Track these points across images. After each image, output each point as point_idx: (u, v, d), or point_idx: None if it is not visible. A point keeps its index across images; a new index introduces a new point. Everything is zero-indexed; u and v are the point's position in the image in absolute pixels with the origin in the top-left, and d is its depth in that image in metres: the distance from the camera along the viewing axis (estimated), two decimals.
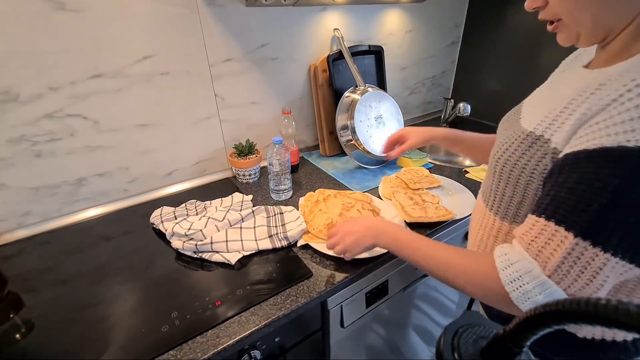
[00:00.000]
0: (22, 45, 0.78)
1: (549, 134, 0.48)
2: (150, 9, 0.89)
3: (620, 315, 0.17)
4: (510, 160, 0.53)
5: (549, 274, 0.43)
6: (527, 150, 0.50)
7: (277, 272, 0.75)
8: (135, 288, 0.73)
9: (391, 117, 1.24)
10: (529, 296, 0.44)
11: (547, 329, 0.20)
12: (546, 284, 0.43)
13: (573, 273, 0.42)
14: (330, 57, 1.21)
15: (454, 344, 0.24)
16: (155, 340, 0.61)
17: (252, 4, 1.00)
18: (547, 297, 0.43)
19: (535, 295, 0.44)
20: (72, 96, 0.86)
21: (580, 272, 0.42)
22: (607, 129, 0.39)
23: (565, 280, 0.43)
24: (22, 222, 0.91)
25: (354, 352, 0.96)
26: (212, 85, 1.06)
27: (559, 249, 0.42)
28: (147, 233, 0.89)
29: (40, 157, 0.88)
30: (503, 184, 0.55)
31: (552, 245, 0.43)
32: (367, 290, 0.86)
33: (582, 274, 0.42)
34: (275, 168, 0.97)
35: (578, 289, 0.43)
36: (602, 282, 0.41)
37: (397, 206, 0.94)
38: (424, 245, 0.61)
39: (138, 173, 1.04)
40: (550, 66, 0.65)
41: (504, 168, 0.54)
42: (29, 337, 0.63)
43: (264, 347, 0.70)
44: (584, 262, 0.41)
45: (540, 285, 0.43)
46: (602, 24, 0.44)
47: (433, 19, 1.53)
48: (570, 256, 0.42)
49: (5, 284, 0.75)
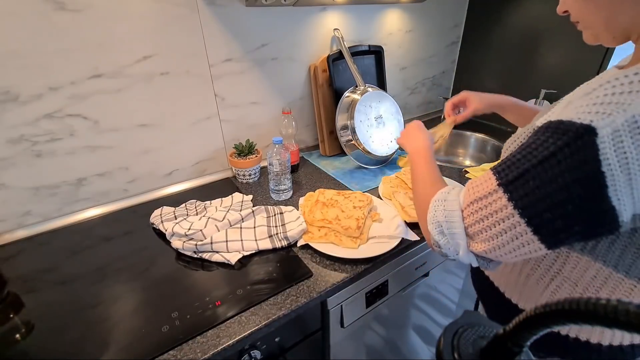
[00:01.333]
0: (22, 45, 0.78)
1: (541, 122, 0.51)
2: (150, 9, 0.89)
3: (620, 315, 0.17)
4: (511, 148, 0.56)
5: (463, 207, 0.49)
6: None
7: (277, 272, 0.75)
8: (136, 288, 0.73)
9: (391, 117, 1.24)
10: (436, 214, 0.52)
11: (547, 329, 0.20)
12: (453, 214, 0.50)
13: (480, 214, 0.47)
14: (330, 57, 1.21)
15: (454, 344, 0.24)
16: (155, 341, 0.61)
17: (252, 4, 1.00)
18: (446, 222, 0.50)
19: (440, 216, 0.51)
20: (72, 96, 0.86)
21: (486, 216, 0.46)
22: (575, 109, 0.41)
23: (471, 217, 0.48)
24: (22, 222, 0.91)
25: (353, 352, 0.96)
26: (212, 85, 1.06)
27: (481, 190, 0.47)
28: (147, 233, 0.89)
29: (40, 157, 0.88)
30: None
31: (479, 186, 0.48)
32: (367, 290, 0.86)
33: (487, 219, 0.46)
34: (275, 168, 0.97)
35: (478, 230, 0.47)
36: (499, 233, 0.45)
37: (397, 206, 0.94)
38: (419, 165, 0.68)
39: (138, 173, 1.04)
40: (550, 66, 0.65)
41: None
42: (29, 337, 0.63)
43: (264, 347, 0.70)
44: (492, 208, 0.45)
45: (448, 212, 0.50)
46: (616, 25, 0.45)
47: (433, 19, 1.53)
48: (485, 199, 0.46)
49: (5, 285, 0.74)
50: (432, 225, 0.52)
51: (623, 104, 0.37)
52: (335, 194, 0.97)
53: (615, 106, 0.38)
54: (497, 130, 1.55)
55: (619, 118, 0.37)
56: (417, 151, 0.72)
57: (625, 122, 0.37)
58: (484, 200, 0.46)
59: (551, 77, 1.38)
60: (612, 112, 0.37)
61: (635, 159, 0.37)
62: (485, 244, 0.47)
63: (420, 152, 0.71)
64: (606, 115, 0.37)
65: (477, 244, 0.48)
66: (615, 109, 0.37)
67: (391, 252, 0.80)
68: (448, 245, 0.51)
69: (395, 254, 0.82)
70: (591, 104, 0.39)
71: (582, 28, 0.50)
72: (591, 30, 0.49)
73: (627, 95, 0.38)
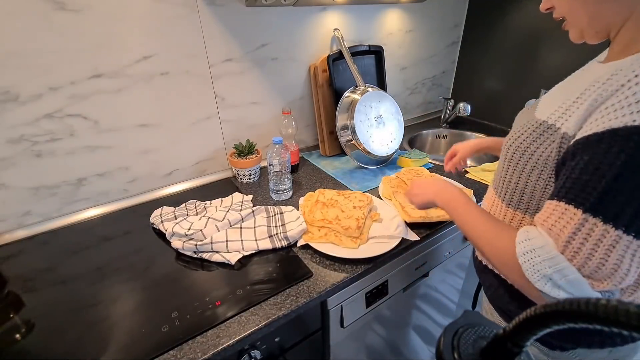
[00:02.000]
0: (22, 45, 0.78)
1: (559, 123, 0.50)
2: (150, 9, 0.89)
3: (620, 316, 0.17)
4: (520, 148, 0.55)
5: (561, 251, 0.44)
6: (537, 138, 0.52)
7: (277, 272, 0.75)
8: (136, 288, 0.73)
9: (391, 117, 1.24)
10: (539, 269, 0.45)
11: (547, 329, 0.20)
12: (557, 259, 0.44)
13: (585, 250, 0.42)
14: (330, 57, 1.21)
15: (454, 344, 0.24)
16: (155, 340, 0.61)
17: (252, 4, 1.00)
18: (556, 272, 0.43)
19: (545, 268, 0.44)
20: (72, 96, 0.86)
21: (592, 250, 0.42)
22: (615, 112, 0.41)
23: (577, 257, 0.43)
24: (22, 222, 0.91)
25: (354, 352, 0.96)
26: (212, 85, 1.06)
27: (569, 225, 0.43)
28: (147, 233, 0.89)
29: (40, 157, 0.88)
30: (511, 172, 0.57)
31: (562, 222, 0.44)
32: (367, 291, 0.86)
33: (595, 252, 0.42)
34: (275, 168, 0.97)
35: (593, 268, 0.42)
36: (618, 261, 0.41)
37: (397, 206, 0.94)
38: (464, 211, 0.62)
39: (138, 173, 1.04)
40: (550, 66, 0.65)
41: (514, 155, 0.56)
42: (29, 337, 0.63)
43: (264, 347, 0.70)
44: (595, 239, 0.41)
45: (550, 260, 0.44)
46: (599, 21, 0.47)
47: (433, 19, 1.53)
48: (580, 232, 0.42)
49: (5, 284, 0.75)
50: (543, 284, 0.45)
51: None
52: (335, 194, 0.97)
53: None
54: (498, 130, 1.55)
55: None
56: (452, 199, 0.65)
57: None
58: (580, 233, 0.42)
59: (551, 77, 1.38)
60: None
61: None
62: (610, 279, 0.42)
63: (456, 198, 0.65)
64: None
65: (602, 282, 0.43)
66: None
67: (391, 252, 0.80)
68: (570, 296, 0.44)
69: (395, 254, 0.82)
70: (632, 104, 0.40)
71: (568, 26, 0.52)
72: (576, 28, 0.50)
73: None
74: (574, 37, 0.52)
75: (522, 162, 0.55)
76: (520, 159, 0.55)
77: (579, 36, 0.51)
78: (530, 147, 0.53)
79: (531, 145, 0.53)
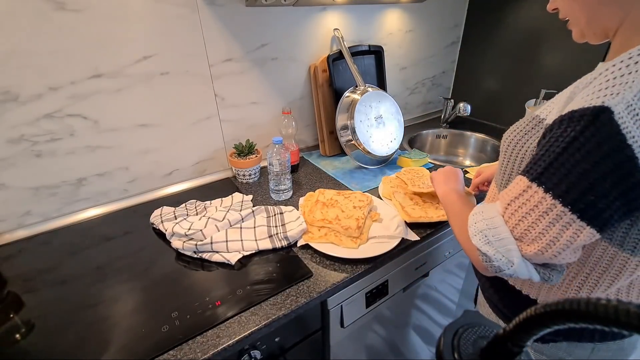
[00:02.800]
0: (22, 45, 0.78)
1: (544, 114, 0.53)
2: (150, 9, 0.89)
3: (621, 316, 0.17)
4: (513, 140, 0.57)
5: (502, 213, 0.50)
6: (529, 132, 0.55)
7: (277, 272, 0.75)
8: (136, 288, 0.73)
9: (391, 117, 1.24)
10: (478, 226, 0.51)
11: (547, 329, 0.20)
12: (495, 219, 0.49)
13: (521, 213, 0.47)
14: (330, 57, 1.21)
15: (454, 344, 0.24)
16: (155, 340, 0.61)
17: (252, 4, 1.00)
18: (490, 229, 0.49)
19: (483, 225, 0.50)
20: (72, 96, 0.86)
21: (527, 214, 0.46)
22: (582, 99, 0.43)
23: (512, 219, 0.48)
24: (22, 222, 0.91)
25: (354, 352, 0.96)
26: (212, 85, 1.06)
27: (514, 190, 0.48)
28: (147, 233, 0.89)
29: (40, 157, 0.88)
30: (506, 163, 0.60)
31: (512, 190, 0.49)
32: (367, 291, 0.86)
33: (529, 216, 0.46)
34: (275, 168, 0.97)
35: (523, 230, 0.47)
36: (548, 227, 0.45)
37: (397, 206, 0.94)
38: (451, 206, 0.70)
39: (138, 173, 1.04)
40: (550, 66, 0.65)
41: (508, 147, 0.58)
42: (29, 337, 0.63)
43: (264, 347, 0.70)
44: (532, 204, 0.46)
45: (489, 219, 0.50)
46: (596, 23, 0.50)
47: (433, 19, 1.53)
48: (521, 197, 0.47)
49: (5, 284, 0.74)
50: (476, 238, 0.50)
51: (627, 83, 0.41)
52: (335, 194, 0.97)
53: (620, 86, 0.41)
54: (498, 130, 1.55)
55: (628, 94, 0.40)
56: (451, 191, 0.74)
57: (634, 96, 0.40)
58: (520, 198, 0.47)
59: (551, 77, 1.38)
60: (620, 91, 0.40)
61: None
62: (536, 243, 0.46)
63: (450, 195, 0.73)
64: (614, 94, 0.40)
65: (529, 245, 0.47)
66: (622, 88, 0.40)
67: (391, 252, 0.80)
68: (498, 255, 0.48)
69: (395, 254, 0.82)
70: (597, 90, 0.42)
71: (571, 26, 0.54)
72: (578, 28, 0.53)
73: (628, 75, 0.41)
74: (576, 37, 0.54)
75: (514, 154, 0.57)
76: (512, 151, 0.57)
77: (580, 36, 0.53)
78: (522, 140, 0.56)
79: (523, 137, 0.56)
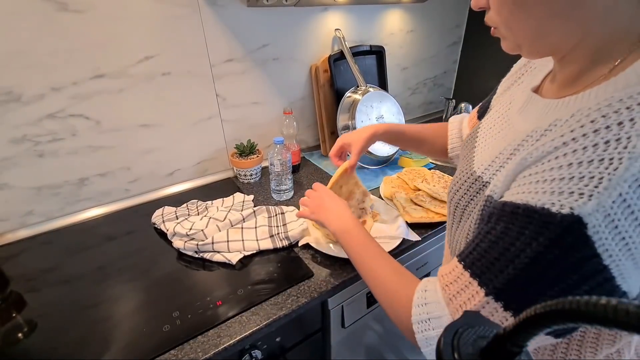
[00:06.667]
0: (25, 46, 0.78)
1: (487, 177, 0.45)
2: (152, 9, 0.89)
3: (620, 316, 0.17)
4: (460, 205, 0.50)
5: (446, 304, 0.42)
6: (474, 196, 0.47)
7: (278, 272, 0.75)
8: (137, 288, 0.73)
9: (392, 117, 1.24)
10: (431, 342, 0.43)
11: (547, 329, 0.20)
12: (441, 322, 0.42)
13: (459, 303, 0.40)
14: (331, 57, 1.21)
15: (454, 343, 0.24)
16: (156, 340, 0.61)
17: (254, 4, 1.00)
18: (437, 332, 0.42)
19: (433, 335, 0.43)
20: (74, 96, 0.87)
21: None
22: (536, 184, 0.35)
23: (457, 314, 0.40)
24: (25, 221, 0.92)
25: (354, 352, 0.96)
26: (214, 85, 1.06)
27: (470, 302, 0.39)
28: (149, 233, 0.90)
29: (43, 157, 0.88)
30: (456, 228, 0.52)
31: (464, 296, 0.40)
32: (367, 291, 0.86)
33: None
34: (276, 168, 0.97)
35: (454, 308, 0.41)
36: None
37: (399, 206, 0.94)
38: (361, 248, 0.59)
39: (140, 173, 1.04)
40: None
41: (456, 212, 0.51)
42: (31, 336, 0.63)
43: (264, 347, 0.70)
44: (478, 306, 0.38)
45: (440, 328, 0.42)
46: (544, 39, 0.39)
47: (434, 19, 1.53)
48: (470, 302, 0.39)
49: (7, 284, 0.75)
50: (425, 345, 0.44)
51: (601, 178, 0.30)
52: None
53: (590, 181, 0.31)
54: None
55: (605, 198, 0.30)
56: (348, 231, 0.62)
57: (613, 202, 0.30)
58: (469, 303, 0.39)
59: None
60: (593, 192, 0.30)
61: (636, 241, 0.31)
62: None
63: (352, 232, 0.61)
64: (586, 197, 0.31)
65: None
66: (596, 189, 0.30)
67: (392, 252, 0.80)
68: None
69: (396, 254, 0.82)
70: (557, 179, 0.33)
71: (500, 35, 0.43)
72: (512, 40, 0.42)
73: (599, 163, 0.31)
74: (508, 48, 0.43)
75: (463, 221, 0.49)
76: (461, 217, 0.49)
77: (514, 48, 0.42)
78: (469, 206, 0.47)
79: (469, 204, 0.47)
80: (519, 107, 0.48)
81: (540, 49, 0.41)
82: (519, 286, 0.36)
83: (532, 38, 0.39)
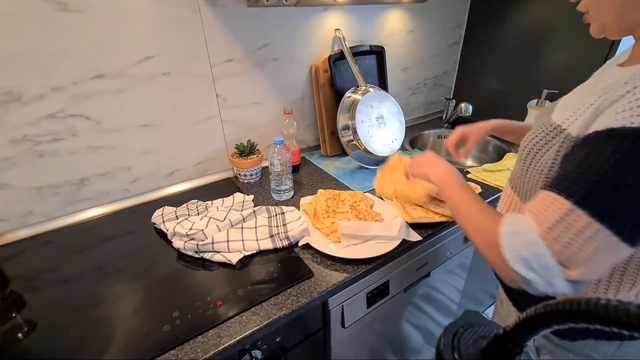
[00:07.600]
0: (25, 46, 0.78)
1: (566, 125, 0.52)
2: (152, 10, 0.89)
3: (621, 316, 0.17)
4: (533, 149, 0.56)
5: (543, 236, 0.45)
6: (549, 141, 0.54)
7: (278, 272, 0.75)
8: (137, 288, 0.73)
9: (392, 117, 1.24)
10: (518, 250, 0.46)
11: (547, 328, 0.20)
12: (536, 244, 0.45)
13: (565, 238, 0.44)
14: (331, 57, 1.21)
15: (454, 343, 0.24)
16: (156, 340, 0.61)
17: (254, 5, 1.00)
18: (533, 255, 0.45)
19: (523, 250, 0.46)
20: (74, 96, 0.87)
21: (572, 239, 0.43)
22: (617, 115, 0.42)
23: (556, 244, 0.44)
24: (25, 221, 0.92)
25: (354, 352, 0.96)
26: (214, 85, 1.06)
27: (555, 214, 0.44)
28: (149, 233, 0.90)
29: (43, 157, 0.88)
30: (525, 170, 0.59)
31: (549, 211, 0.45)
32: (368, 291, 0.86)
33: (574, 241, 0.43)
34: (276, 168, 0.97)
35: (569, 255, 0.44)
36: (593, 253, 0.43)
37: (398, 206, 0.94)
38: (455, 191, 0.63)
39: (140, 173, 1.04)
40: (552, 66, 0.65)
41: (528, 156, 0.58)
42: (31, 336, 0.63)
43: (265, 347, 0.70)
44: (576, 229, 0.43)
45: (530, 243, 0.46)
46: (626, 17, 0.47)
47: (435, 19, 1.53)
48: (564, 221, 0.44)
49: (7, 284, 0.75)
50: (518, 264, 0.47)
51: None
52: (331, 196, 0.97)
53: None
54: None
55: None
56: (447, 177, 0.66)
57: None
58: (563, 222, 0.44)
59: (553, 78, 1.38)
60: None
61: None
62: (582, 267, 0.44)
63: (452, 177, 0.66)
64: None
65: (574, 270, 0.44)
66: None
67: (392, 252, 0.80)
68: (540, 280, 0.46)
69: (396, 254, 0.82)
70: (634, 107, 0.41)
71: (590, 19, 0.51)
72: (599, 22, 0.50)
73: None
74: (594, 32, 0.52)
75: (535, 162, 0.56)
76: (532, 159, 0.57)
77: (600, 31, 0.51)
78: (542, 149, 0.55)
79: (543, 147, 0.55)
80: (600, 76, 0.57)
81: (623, 27, 0.49)
82: (602, 192, 0.42)
83: (616, 17, 0.48)
